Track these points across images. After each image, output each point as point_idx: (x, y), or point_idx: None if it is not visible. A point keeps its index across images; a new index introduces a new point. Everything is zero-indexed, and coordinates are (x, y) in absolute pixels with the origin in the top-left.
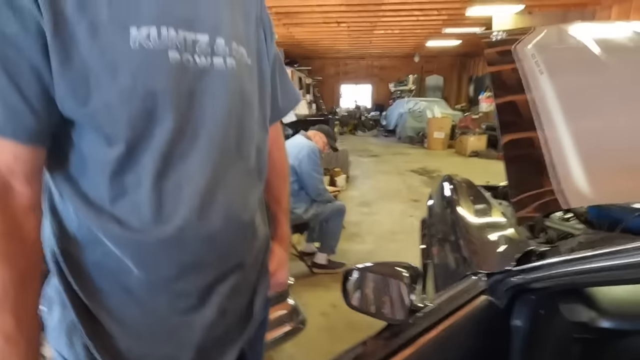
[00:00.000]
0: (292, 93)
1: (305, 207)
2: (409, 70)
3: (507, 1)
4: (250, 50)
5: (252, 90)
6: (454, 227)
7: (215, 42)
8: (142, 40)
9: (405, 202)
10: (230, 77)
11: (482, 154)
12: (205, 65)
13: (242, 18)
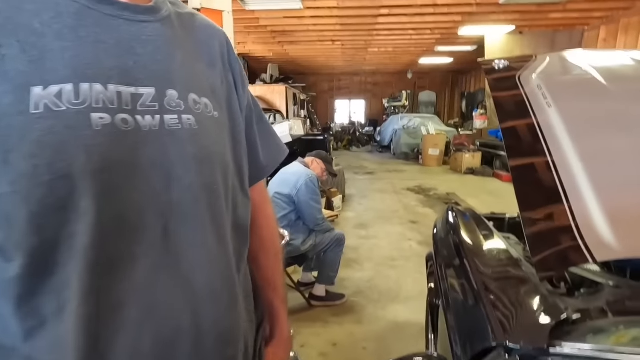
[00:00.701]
0: (275, 146)
1: (303, 238)
2: (402, 86)
3: (499, 21)
4: (218, 101)
5: (222, 150)
6: (466, 273)
7: (166, 95)
8: (49, 102)
9: (403, 223)
10: (189, 138)
11: (477, 171)
12: (152, 125)
13: (203, 63)
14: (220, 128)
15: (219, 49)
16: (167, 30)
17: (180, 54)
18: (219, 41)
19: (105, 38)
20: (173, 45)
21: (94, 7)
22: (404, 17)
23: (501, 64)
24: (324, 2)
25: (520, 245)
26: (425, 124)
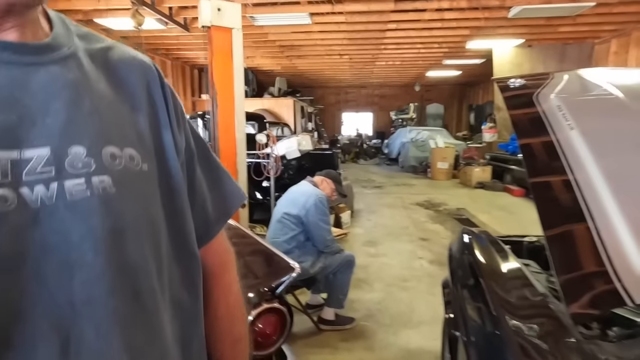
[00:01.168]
0: (228, 192)
1: (312, 260)
2: (410, 99)
3: (507, 35)
4: (147, 149)
5: (151, 213)
6: (489, 310)
7: (68, 154)
8: None
9: (413, 240)
10: (102, 207)
11: (487, 185)
12: (46, 198)
13: (126, 105)
14: (149, 183)
15: (144, 85)
16: (68, 73)
17: (89, 100)
18: (144, 76)
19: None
20: (78, 90)
21: None
22: (412, 31)
23: (517, 83)
24: (332, 17)
25: (544, 274)
26: (433, 137)
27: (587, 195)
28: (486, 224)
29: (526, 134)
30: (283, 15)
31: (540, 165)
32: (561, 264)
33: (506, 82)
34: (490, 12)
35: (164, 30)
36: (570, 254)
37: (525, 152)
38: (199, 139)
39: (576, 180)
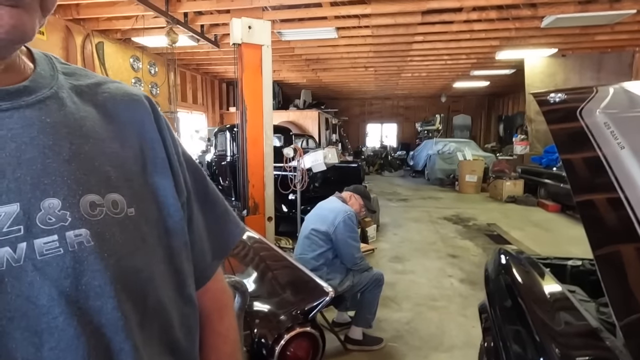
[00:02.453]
0: (227, 230)
1: (341, 278)
2: (436, 110)
3: (539, 45)
4: (136, 190)
5: (138, 263)
6: (535, 345)
7: (40, 209)
8: None
9: (441, 257)
10: (76, 266)
11: (519, 199)
12: (12, 260)
13: (115, 143)
14: (136, 229)
15: (137, 121)
16: (46, 116)
17: (69, 143)
18: (137, 111)
19: None
20: (57, 134)
21: None
22: (439, 43)
23: (557, 98)
24: (359, 31)
25: (592, 303)
26: (461, 149)
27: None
28: (519, 241)
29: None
30: (310, 30)
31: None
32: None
33: (545, 97)
34: (522, 22)
35: (195, 47)
36: (626, 281)
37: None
38: (197, 171)
39: (627, 199)
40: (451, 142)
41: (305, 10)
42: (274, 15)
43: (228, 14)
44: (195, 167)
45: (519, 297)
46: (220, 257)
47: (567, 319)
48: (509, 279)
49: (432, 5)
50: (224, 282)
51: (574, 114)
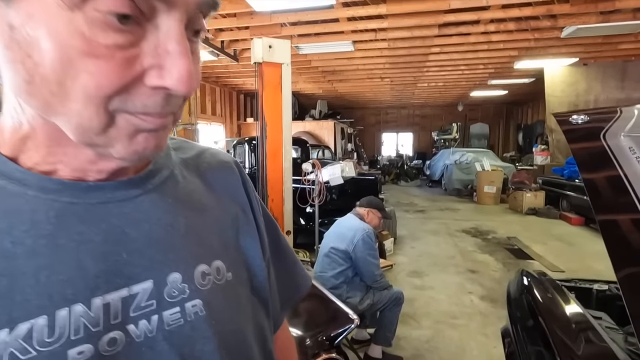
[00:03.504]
0: (296, 280)
1: (361, 296)
2: (452, 119)
3: (559, 55)
4: (231, 254)
5: (236, 326)
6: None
7: (167, 284)
8: (16, 348)
9: (460, 272)
10: (192, 333)
11: (541, 212)
12: (148, 331)
13: (215, 210)
14: (234, 292)
15: (230, 187)
16: (167, 195)
17: (184, 219)
18: (229, 178)
19: (91, 235)
20: (175, 212)
21: (77, 201)
22: (456, 54)
23: (580, 119)
24: (375, 43)
25: (620, 334)
26: (479, 159)
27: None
28: (541, 256)
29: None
30: (327, 44)
31: (608, 203)
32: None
33: (567, 117)
34: (541, 32)
35: (215, 61)
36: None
37: (591, 188)
38: (272, 224)
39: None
40: (469, 152)
41: (322, 25)
42: (292, 30)
43: (247, 30)
44: (270, 220)
45: (542, 325)
46: (288, 308)
47: (592, 351)
48: (532, 304)
49: (449, 19)
50: (289, 330)
51: (598, 137)
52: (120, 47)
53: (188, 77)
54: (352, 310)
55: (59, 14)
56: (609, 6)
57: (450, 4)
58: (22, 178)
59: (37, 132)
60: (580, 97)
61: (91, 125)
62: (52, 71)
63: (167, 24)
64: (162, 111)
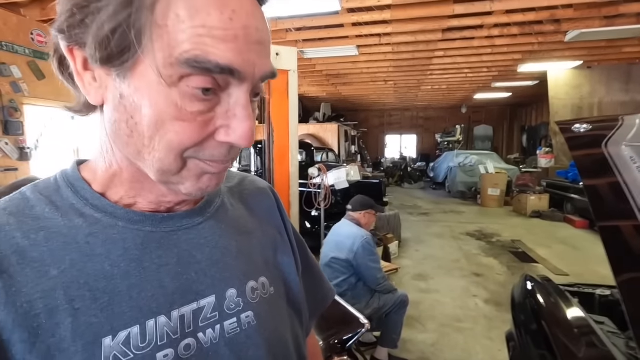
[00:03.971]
0: (322, 292)
1: (366, 301)
2: (456, 121)
3: (563, 58)
4: (272, 271)
5: (279, 335)
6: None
7: (226, 298)
8: (118, 352)
9: (465, 276)
10: (246, 341)
11: (545, 214)
12: (213, 339)
13: (258, 233)
14: (277, 304)
15: (267, 211)
16: (220, 223)
17: (235, 242)
18: (266, 202)
19: (168, 258)
20: (228, 236)
21: (156, 230)
22: (460, 57)
23: (582, 128)
24: (379, 48)
25: (622, 338)
26: (483, 162)
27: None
28: (546, 259)
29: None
30: (331, 48)
31: (608, 210)
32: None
33: (569, 126)
34: (545, 37)
35: None
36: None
37: (592, 195)
38: (301, 242)
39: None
40: (473, 155)
41: (327, 31)
42: (298, 35)
43: None
44: (299, 238)
45: (545, 329)
46: (316, 317)
47: (593, 355)
48: (535, 309)
49: (453, 24)
50: (315, 337)
51: (599, 145)
52: (201, 112)
53: (250, 135)
54: None
55: (159, 89)
56: (613, 11)
57: (454, 10)
58: (113, 212)
59: (124, 172)
60: (585, 100)
61: (170, 169)
62: (147, 129)
63: (237, 94)
64: (224, 159)
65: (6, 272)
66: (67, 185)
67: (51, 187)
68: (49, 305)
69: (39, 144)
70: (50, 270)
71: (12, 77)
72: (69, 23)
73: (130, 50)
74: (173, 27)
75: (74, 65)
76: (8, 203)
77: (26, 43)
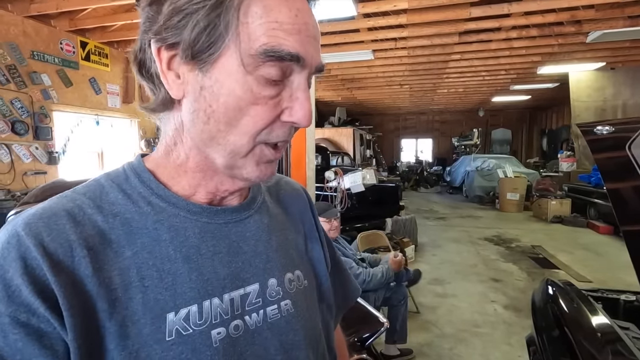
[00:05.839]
0: (349, 290)
1: (373, 297)
2: (473, 124)
3: (585, 59)
4: (305, 265)
5: (313, 324)
6: None
7: (268, 287)
8: (180, 326)
9: (483, 281)
10: (286, 326)
11: (567, 220)
12: (257, 322)
13: (293, 230)
14: (310, 296)
15: (301, 210)
16: (263, 218)
17: (275, 237)
18: (300, 202)
19: (220, 247)
20: (269, 231)
21: (211, 221)
22: (477, 60)
23: (604, 130)
24: (394, 52)
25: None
26: (501, 166)
27: None
28: (568, 265)
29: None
30: (347, 53)
31: (633, 214)
32: None
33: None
34: (565, 38)
35: None
36: None
37: (615, 198)
38: (328, 240)
39: None
40: (491, 159)
41: (343, 36)
42: None
43: None
44: (328, 238)
45: (568, 335)
46: (342, 312)
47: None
48: (557, 314)
49: (469, 27)
50: (341, 331)
51: (623, 147)
52: (271, 97)
53: (309, 115)
54: None
55: (238, 77)
56: (636, 10)
57: (470, 13)
58: (175, 202)
59: (190, 160)
60: (608, 102)
61: (240, 151)
62: (224, 115)
63: (298, 80)
64: (287, 139)
65: (92, 249)
66: (135, 175)
67: (121, 176)
68: (125, 282)
69: (66, 149)
70: (125, 251)
71: (43, 84)
72: (167, 25)
73: (217, 44)
74: (253, 23)
75: (159, 65)
76: (86, 189)
77: (56, 52)
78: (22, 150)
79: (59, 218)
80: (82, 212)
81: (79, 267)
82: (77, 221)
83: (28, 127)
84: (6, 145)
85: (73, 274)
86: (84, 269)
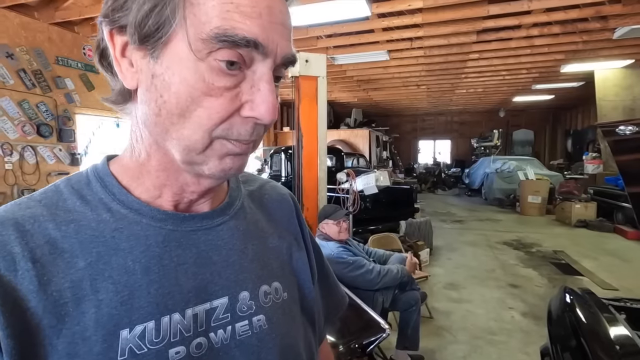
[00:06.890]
0: (336, 300)
1: (381, 299)
2: (493, 125)
3: (611, 57)
4: (286, 275)
5: (291, 340)
6: None
7: (238, 300)
8: (134, 345)
9: (500, 287)
10: (257, 344)
11: (592, 224)
12: (224, 339)
13: (274, 238)
14: (290, 310)
15: (287, 217)
16: (239, 224)
17: (252, 245)
18: (286, 209)
19: (186, 258)
20: (245, 239)
21: (177, 229)
22: (496, 59)
23: (627, 130)
24: (411, 52)
25: None
26: (522, 168)
27: None
28: (592, 272)
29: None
30: (362, 54)
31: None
32: None
33: (613, 128)
34: (590, 34)
35: None
36: None
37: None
38: (317, 249)
39: None
40: (511, 160)
41: (357, 37)
42: (328, 42)
43: None
44: (316, 245)
45: (584, 346)
46: (330, 324)
47: None
48: (574, 324)
49: (488, 25)
50: (328, 344)
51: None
52: (227, 88)
53: (273, 110)
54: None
55: (189, 64)
56: None
57: (488, 10)
58: (138, 208)
59: (151, 159)
60: (637, 101)
61: (195, 147)
62: (176, 107)
63: (261, 69)
64: (249, 139)
65: (39, 262)
66: (97, 179)
67: (82, 181)
68: (77, 295)
69: (87, 150)
70: (79, 261)
71: (66, 88)
72: (113, 7)
73: (165, 27)
74: (204, 4)
75: (112, 51)
76: (43, 195)
77: (79, 57)
78: (46, 152)
79: (5, 228)
80: (32, 220)
81: (22, 282)
82: (25, 231)
83: (52, 130)
84: (32, 147)
85: (14, 290)
86: (28, 283)
